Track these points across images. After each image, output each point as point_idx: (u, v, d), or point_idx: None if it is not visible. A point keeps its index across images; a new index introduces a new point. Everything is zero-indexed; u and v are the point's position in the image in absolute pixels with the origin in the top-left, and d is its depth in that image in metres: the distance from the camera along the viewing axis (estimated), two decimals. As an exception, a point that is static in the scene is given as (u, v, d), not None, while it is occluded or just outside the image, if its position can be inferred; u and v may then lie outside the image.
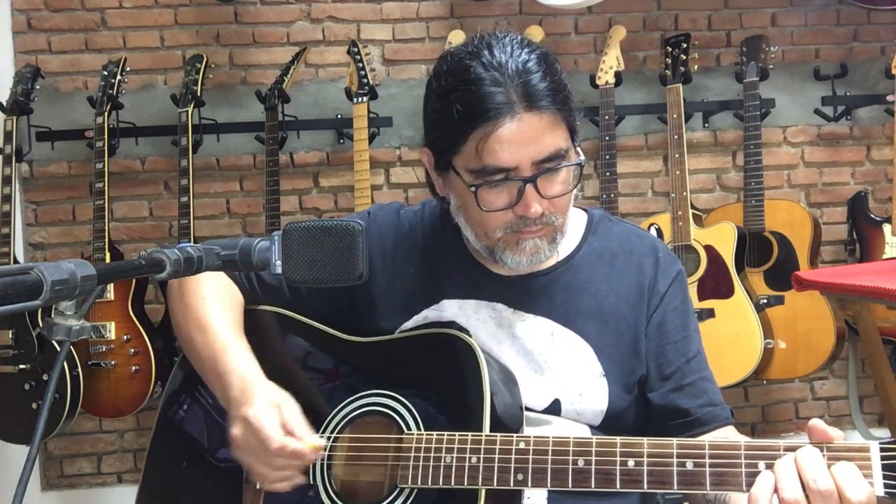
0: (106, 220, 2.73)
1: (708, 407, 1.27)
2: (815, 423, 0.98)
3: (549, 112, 1.13)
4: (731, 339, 2.68)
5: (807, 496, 0.92)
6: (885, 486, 0.92)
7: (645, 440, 1.05)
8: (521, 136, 1.12)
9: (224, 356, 1.23)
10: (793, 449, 0.97)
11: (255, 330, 1.32)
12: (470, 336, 1.21)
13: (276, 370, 1.24)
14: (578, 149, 1.21)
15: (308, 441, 1.13)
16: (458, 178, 1.19)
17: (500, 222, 1.19)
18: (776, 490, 0.94)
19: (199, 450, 1.33)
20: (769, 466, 0.97)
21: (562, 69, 1.19)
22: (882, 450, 0.93)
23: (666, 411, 1.28)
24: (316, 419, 1.24)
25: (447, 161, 1.19)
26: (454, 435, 1.13)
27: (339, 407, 1.25)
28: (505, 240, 1.20)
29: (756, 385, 3.14)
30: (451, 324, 1.28)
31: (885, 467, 0.93)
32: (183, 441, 1.35)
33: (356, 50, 2.85)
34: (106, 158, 2.76)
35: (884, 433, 3.07)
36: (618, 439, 1.06)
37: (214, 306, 1.30)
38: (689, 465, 1.01)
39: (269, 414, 1.13)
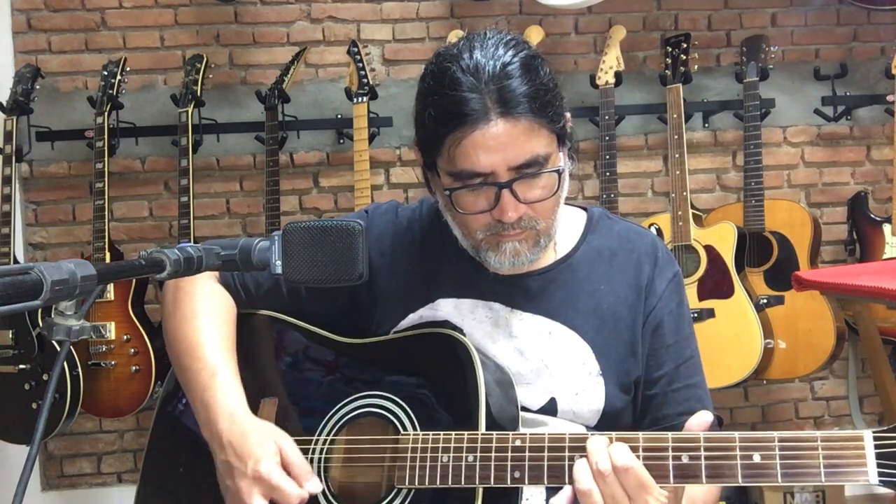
0: (106, 220, 2.73)
1: (686, 416, 1.26)
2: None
3: (525, 118, 1.11)
4: (731, 339, 2.68)
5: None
6: (880, 474, 0.93)
7: (640, 434, 1.05)
8: (494, 142, 1.11)
9: (210, 388, 1.21)
10: (787, 440, 0.98)
11: (251, 335, 1.32)
12: (464, 335, 1.21)
13: (272, 374, 1.24)
14: (565, 152, 1.19)
15: (306, 487, 1.12)
16: (439, 180, 1.19)
17: (480, 224, 1.18)
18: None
19: (196, 450, 1.33)
20: (764, 458, 0.98)
21: (548, 72, 1.16)
22: (875, 438, 0.94)
23: (647, 416, 1.29)
24: (312, 422, 1.24)
25: (432, 161, 1.19)
26: (450, 434, 1.12)
27: (335, 409, 1.24)
28: (487, 241, 1.20)
29: (756, 385, 3.14)
30: (445, 323, 1.28)
31: (878, 456, 0.93)
32: (180, 441, 1.35)
33: (356, 50, 2.85)
34: (106, 158, 2.76)
35: (884, 433, 3.07)
36: (613, 434, 1.06)
37: (204, 325, 1.28)
38: (685, 458, 1.01)
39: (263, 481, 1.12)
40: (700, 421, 1.03)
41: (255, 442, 1.14)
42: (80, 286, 0.77)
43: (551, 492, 1.18)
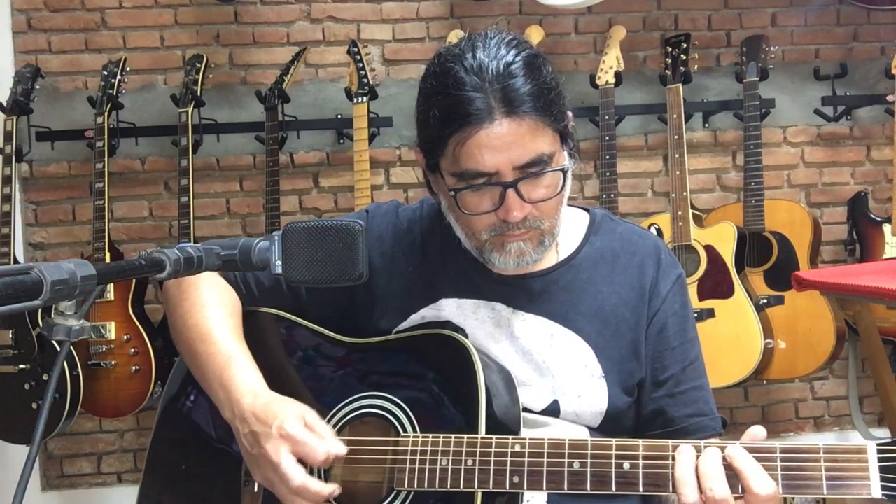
0: (106, 220, 2.73)
1: (696, 417, 1.27)
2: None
3: (530, 117, 1.11)
4: (731, 339, 2.68)
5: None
6: (883, 488, 0.92)
7: (640, 442, 1.04)
8: (499, 142, 1.11)
9: (229, 369, 1.21)
10: (789, 451, 0.97)
11: (253, 333, 1.32)
12: (466, 337, 1.21)
13: (273, 373, 1.24)
14: (569, 152, 1.20)
15: (330, 447, 1.11)
16: (443, 181, 1.19)
17: (485, 225, 1.18)
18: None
19: (198, 452, 1.33)
20: (765, 469, 0.97)
21: (551, 71, 1.16)
22: (879, 451, 0.93)
23: (654, 417, 1.28)
24: None
25: (435, 162, 1.19)
26: (450, 437, 1.12)
27: (336, 409, 1.24)
28: (491, 242, 1.20)
29: (756, 385, 3.14)
30: (447, 324, 1.28)
31: (882, 469, 0.92)
32: (182, 443, 1.35)
33: (356, 50, 2.85)
34: (106, 158, 2.76)
35: (884, 433, 3.07)
36: (613, 441, 1.06)
37: (214, 313, 1.29)
38: None
39: (286, 445, 1.11)
40: (755, 434, 1.02)
41: (278, 407, 1.14)
42: (80, 286, 0.77)
43: (552, 495, 1.19)
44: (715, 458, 0.99)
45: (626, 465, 1.04)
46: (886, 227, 2.91)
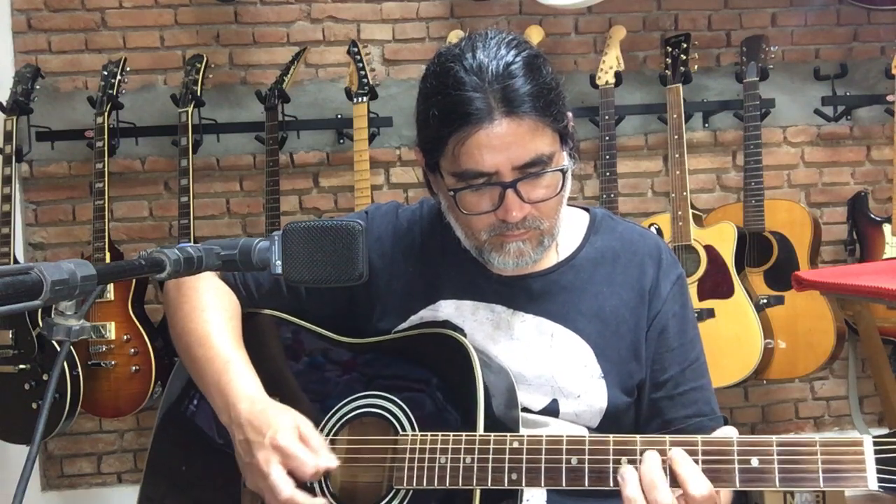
0: (106, 220, 2.73)
1: (695, 418, 1.27)
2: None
3: (529, 117, 1.11)
4: (731, 339, 2.68)
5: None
6: (879, 480, 0.92)
7: (638, 438, 1.05)
8: (498, 142, 1.11)
9: (226, 373, 1.21)
10: (785, 444, 0.97)
11: (253, 333, 1.32)
12: (465, 336, 1.21)
13: (272, 373, 1.24)
14: (568, 152, 1.19)
15: (322, 460, 1.12)
16: (443, 180, 1.19)
17: (484, 225, 1.18)
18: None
19: (199, 452, 1.33)
20: (762, 462, 0.98)
21: (551, 71, 1.16)
22: (875, 444, 0.93)
23: (653, 418, 1.28)
24: (312, 421, 1.24)
25: (435, 162, 1.19)
26: (448, 435, 1.12)
27: (335, 409, 1.24)
28: (490, 242, 1.20)
29: (756, 385, 3.14)
30: (446, 323, 1.28)
31: (878, 461, 0.93)
32: (182, 443, 1.35)
33: (356, 50, 2.85)
34: (106, 158, 2.76)
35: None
36: (611, 437, 1.06)
37: (213, 317, 1.28)
38: None
39: (277, 458, 1.11)
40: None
41: (273, 416, 1.14)
42: (80, 286, 0.77)
43: (552, 493, 1.19)
44: (656, 463, 1.00)
45: (625, 460, 1.04)
46: (886, 227, 2.91)
